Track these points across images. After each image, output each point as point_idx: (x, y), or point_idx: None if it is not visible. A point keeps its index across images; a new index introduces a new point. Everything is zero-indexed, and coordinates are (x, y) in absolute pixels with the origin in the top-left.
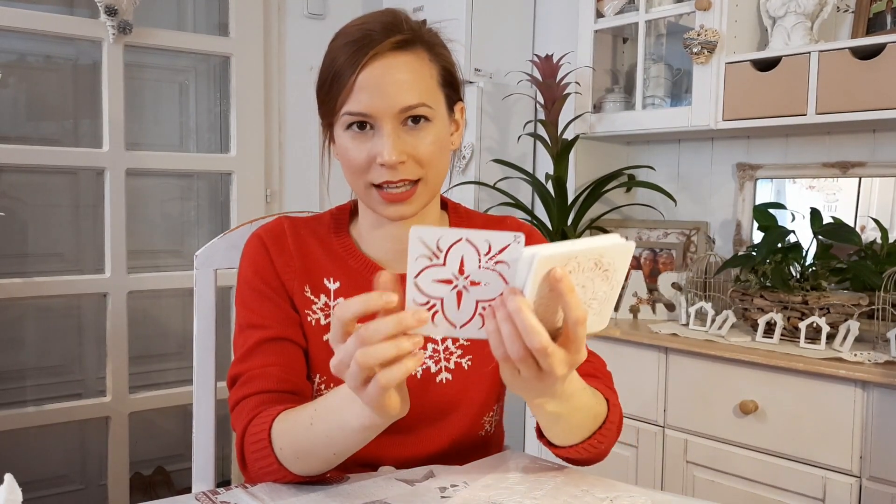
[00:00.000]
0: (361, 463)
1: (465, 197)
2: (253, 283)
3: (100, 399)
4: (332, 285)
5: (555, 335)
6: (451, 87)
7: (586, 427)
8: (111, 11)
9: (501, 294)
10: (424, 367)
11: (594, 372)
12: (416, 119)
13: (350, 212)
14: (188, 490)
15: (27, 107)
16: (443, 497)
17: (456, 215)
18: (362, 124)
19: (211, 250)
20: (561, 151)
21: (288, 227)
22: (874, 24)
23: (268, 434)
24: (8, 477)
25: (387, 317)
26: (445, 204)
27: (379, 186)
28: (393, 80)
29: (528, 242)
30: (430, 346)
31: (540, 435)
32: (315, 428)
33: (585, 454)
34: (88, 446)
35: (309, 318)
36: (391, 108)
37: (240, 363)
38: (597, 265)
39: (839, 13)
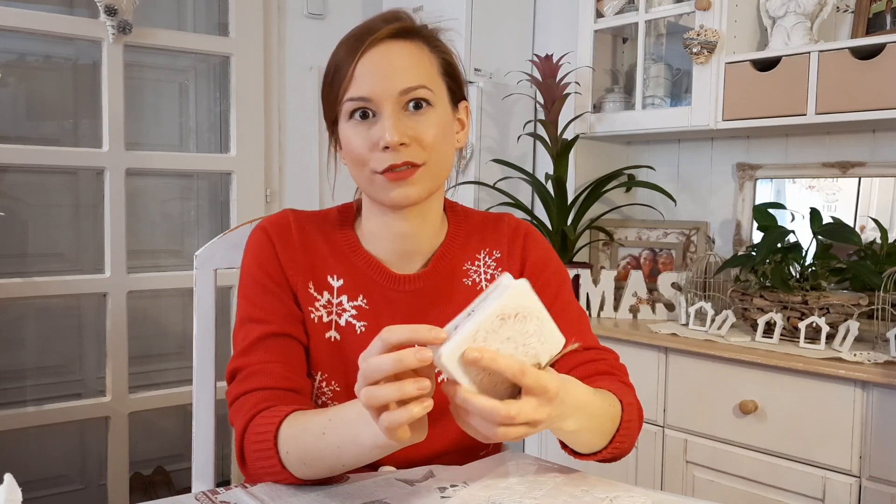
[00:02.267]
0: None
1: (465, 197)
2: (256, 276)
3: (99, 399)
4: (336, 283)
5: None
6: (453, 80)
7: (606, 430)
8: (111, 11)
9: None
10: None
11: (608, 369)
12: (418, 105)
13: (355, 210)
14: (188, 490)
15: (27, 107)
16: (442, 497)
17: (453, 214)
18: (364, 113)
19: (211, 250)
20: (561, 151)
21: (293, 221)
22: (874, 24)
23: (274, 436)
24: (8, 477)
25: (387, 354)
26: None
27: (382, 172)
28: (392, 65)
29: (525, 241)
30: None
31: (564, 446)
32: (327, 438)
33: (611, 455)
34: (88, 446)
35: (312, 316)
36: (391, 91)
37: (240, 357)
38: (504, 319)
39: (839, 13)
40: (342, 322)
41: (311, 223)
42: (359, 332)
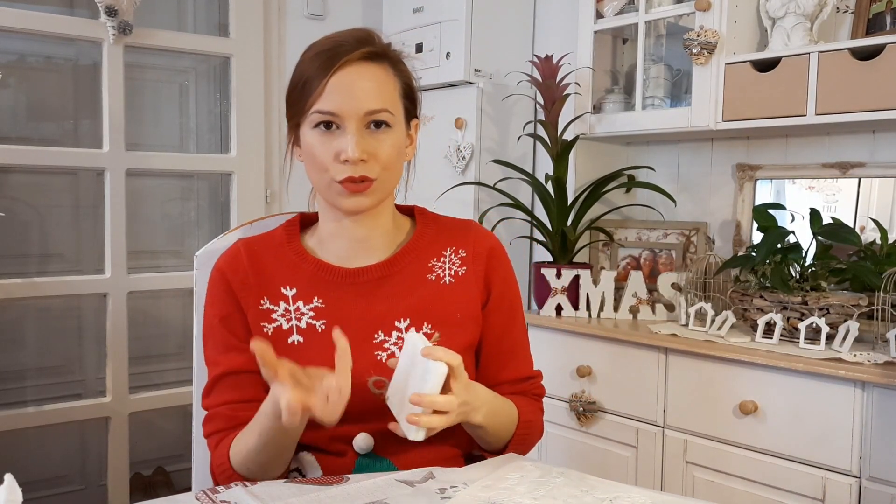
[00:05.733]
0: (340, 439)
1: (465, 197)
2: (209, 318)
3: (100, 399)
4: (289, 292)
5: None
6: (410, 101)
7: (504, 434)
8: (111, 12)
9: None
10: (389, 352)
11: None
12: (378, 124)
13: (300, 224)
14: (188, 491)
15: (27, 107)
16: (443, 498)
17: (423, 218)
18: (329, 124)
19: (211, 250)
20: (561, 152)
21: (242, 247)
22: (874, 25)
23: (230, 467)
24: (8, 477)
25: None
26: (412, 211)
27: (341, 182)
28: (361, 86)
29: (490, 260)
30: (394, 333)
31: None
32: (256, 433)
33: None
34: (88, 446)
35: (271, 326)
36: (358, 110)
37: (205, 396)
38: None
39: (839, 14)
40: (303, 325)
41: (259, 244)
42: (320, 330)
